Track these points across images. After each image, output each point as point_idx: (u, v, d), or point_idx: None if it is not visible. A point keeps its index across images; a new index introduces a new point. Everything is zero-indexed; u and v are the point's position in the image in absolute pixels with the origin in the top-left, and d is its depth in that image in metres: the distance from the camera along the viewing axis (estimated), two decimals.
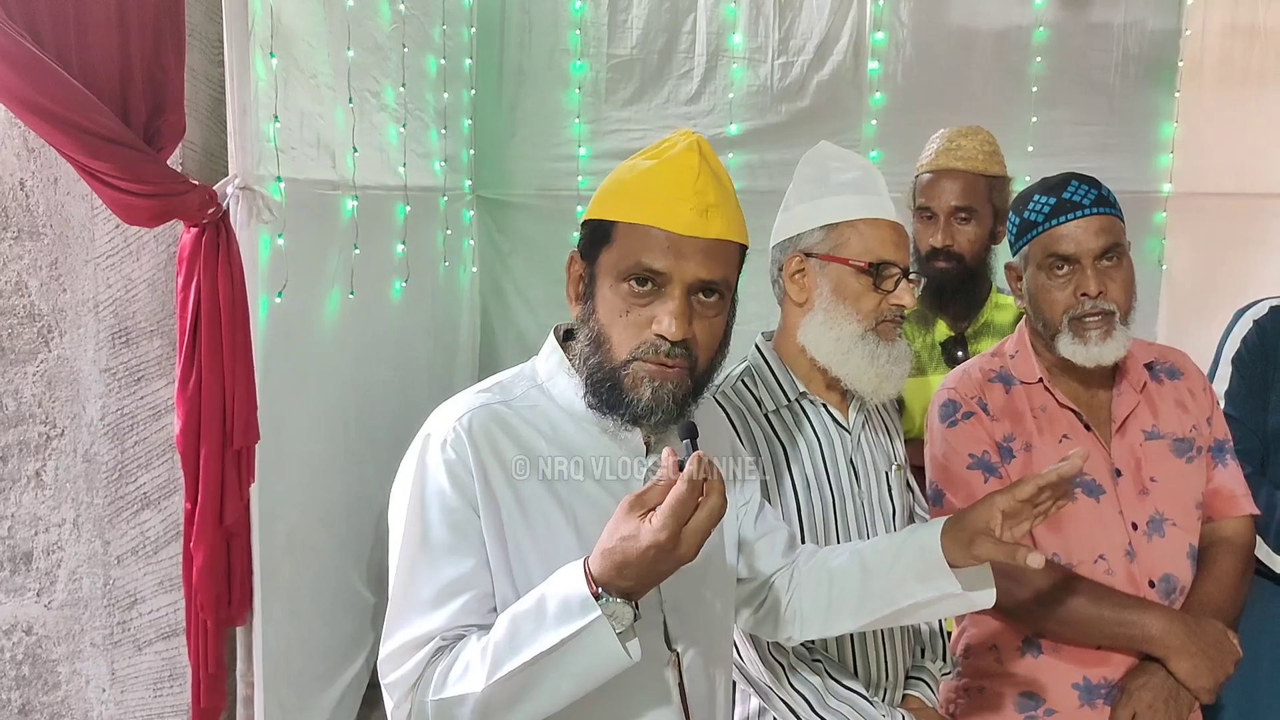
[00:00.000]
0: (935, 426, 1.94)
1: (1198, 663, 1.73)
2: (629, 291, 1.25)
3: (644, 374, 1.25)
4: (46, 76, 1.82)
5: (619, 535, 1.12)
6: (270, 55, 2.44)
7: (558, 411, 1.33)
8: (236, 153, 2.26)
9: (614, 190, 1.31)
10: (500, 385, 1.35)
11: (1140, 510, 1.84)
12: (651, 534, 1.10)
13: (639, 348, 1.25)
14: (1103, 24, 4.54)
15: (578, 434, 1.32)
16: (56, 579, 2.47)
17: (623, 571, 1.12)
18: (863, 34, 4.53)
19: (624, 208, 1.28)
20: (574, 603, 1.14)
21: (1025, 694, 1.87)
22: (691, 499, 1.10)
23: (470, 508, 1.24)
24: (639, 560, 1.11)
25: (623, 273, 1.25)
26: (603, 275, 1.28)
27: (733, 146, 4.49)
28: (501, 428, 1.28)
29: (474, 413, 1.28)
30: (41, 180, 2.38)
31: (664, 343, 1.24)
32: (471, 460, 1.25)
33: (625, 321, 1.26)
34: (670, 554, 1.11)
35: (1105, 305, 1.79)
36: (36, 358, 2.42)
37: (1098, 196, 1.83)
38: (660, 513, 1.10)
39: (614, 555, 1.12)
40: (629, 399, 1.26)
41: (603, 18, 4.48)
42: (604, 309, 1.27)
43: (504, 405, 1.31)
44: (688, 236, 1.24)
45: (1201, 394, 1.96)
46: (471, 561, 1.24)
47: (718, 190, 1.28)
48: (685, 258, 1.24)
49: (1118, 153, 4.48)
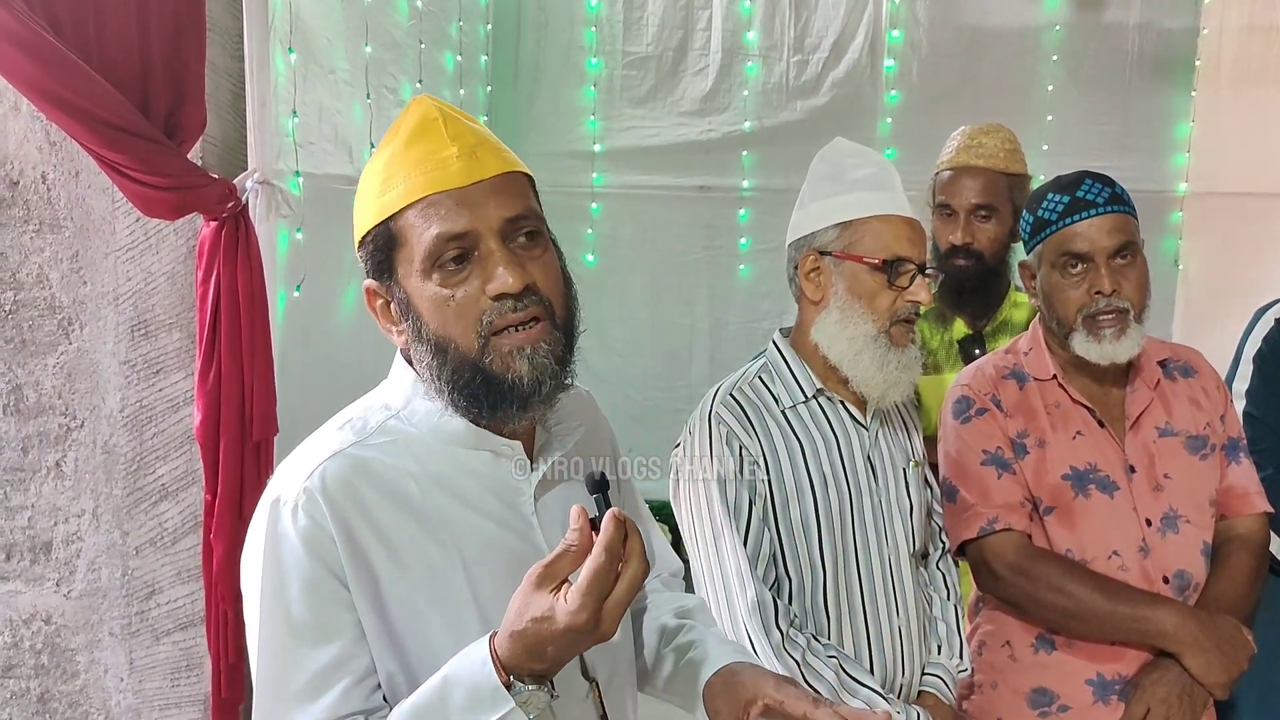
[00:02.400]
0: (949, 423, 1.95)
1: (1211, 658, 1.73)
2: (444, 276, 1.10)
3: (508, 348, 1.10)
4: (67, 68, 1.84)
5: (529, 616, 0.99)
6: (289, 51, 2.45)
7: (421, 441, 1.16)
8: (255, 147, 2.28)
9: (371, 192, 1.15)
10: (350, 423, 1.18)
11: (1154, 506, 1.84)
12: (569, 615, 0.97)
13: (484, 324, 1.10)
14: (1117, 23, 4.52)
15: (449, 462, 1.16)
16: (75, 569, 2.49)
17: (536, 654, 1.00)
18: (879, 32, 4.52)
19: (390, 198, 1.12)
20: (483, 693, 1.01)
21: (1039, 690, 1.87)
22: (611, 570, 0.98)
23: (335, 579, 1.08)
24: (556, 642, 0.99)
25: (428, 259, 1.10)
26: (409, 280, 1.12)
27: (747, 144, 4.49)
28: (360, 475, 1.12)
29: (325, 466, 1.11)
30: (63, 173, 2.40)
31: (506, 300, 1.09)
32: (330, 524, 1.08)
33: (456, 307, 1.10)
34: (590, 634, 0.99)
35: (1119, 303, 1.80)
36: (57, 350, 2.44)
37: (1111, 194, 1.83)
38: (577, 591, 0.97)
39: (525, 638, 0.99)
40: (508, 383, 1.10)
41: (618, 15, 4.48)
42: (429, 311, 1.11)
43: (359, 447, 1.14)
44: (470, 185, 1.10)
45: (1215, 392, 1.96)
46: (342, 642, 1.08)
47: (473, 133, 1.14)
48: (480, 205, 1.10)
49: (1133, 152, 4.46)
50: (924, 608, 1.80)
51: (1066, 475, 1.86)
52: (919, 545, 1.80)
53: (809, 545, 1.68)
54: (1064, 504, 1.85)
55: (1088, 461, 1.86)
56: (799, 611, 1.68)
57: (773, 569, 1.69)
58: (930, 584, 1.87)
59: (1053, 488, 1.86)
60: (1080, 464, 1.86)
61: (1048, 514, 1.86)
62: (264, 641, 1.10)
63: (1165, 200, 4.54)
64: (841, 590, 1.70)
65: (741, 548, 1.64)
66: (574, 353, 1.16)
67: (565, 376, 1.14)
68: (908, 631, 1.74)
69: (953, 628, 1.85)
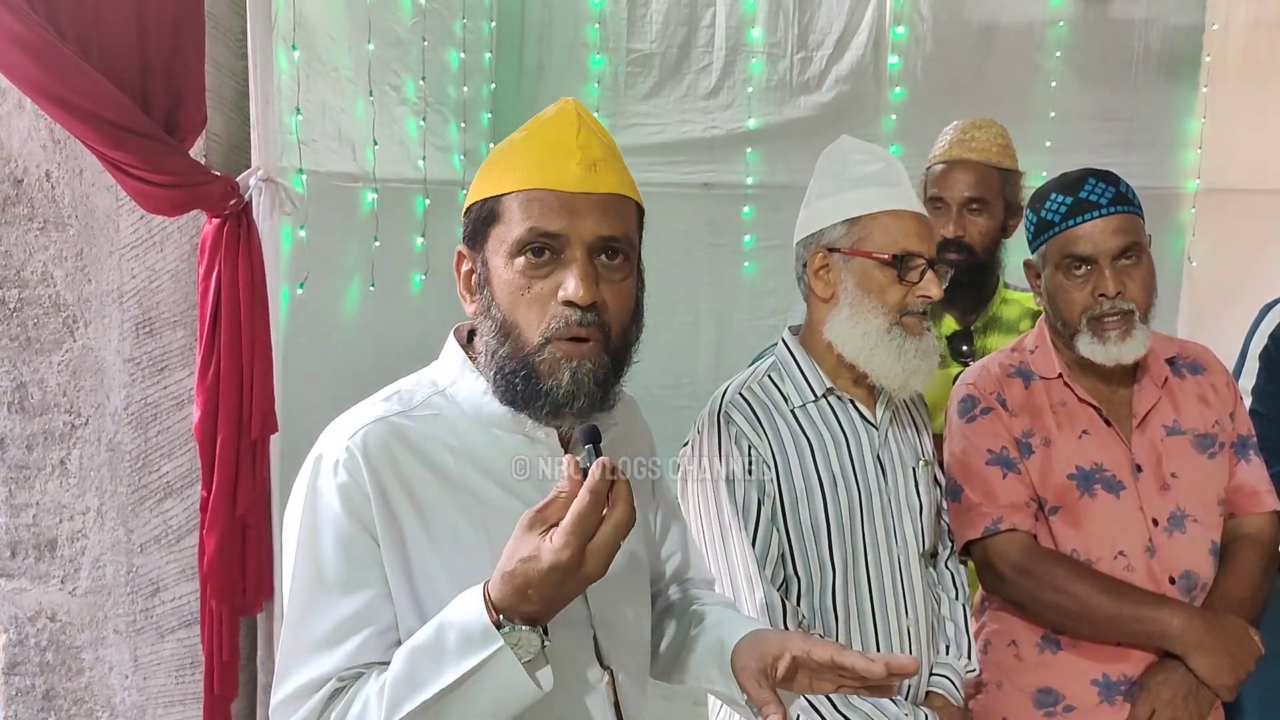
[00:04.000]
0: (954, 422, 1.94)
1: (1218, 659, 1.72)
2: (526, 265, 1.15)
3: (560, 355, 1.14)
4: (68, 67, 1.84)
5: (518, 556, 1.03)
6: (293, 48, 2.45)
7: (463, 418, 1.21)
8: (259, 145, 2.28)
9: (492, 167, 1.21)
10: (399, 394, 1.24)
11: (1161, 506, 1.83)
12: (553, 554, 1.01)
13: (549, 325, 1.14)
14: (1123, 19, 4.50)
15: (486, 441, 1.21)
16: (80, 566, 2.49)
17: (525, 596, 1.03)
18: (883, 28, 4.51)
19: (505, 179, 1.17)
20: (474, 633, 1.04)
21: (1044, 690, 1.86)
22: (595, 512, 1.02)
23: (368, 535, 1.14)
24: (541, 583, 1.02)
25: (516, 245, 1.15)
26: (495, 256, 1.17)
27: (751, 141, 4.48)
28: (401, 442, 1.17)
29: (368, 429, 1.17)
30: (67, 171, 2.40)
31: (573, 310, 1.13)
32: (368, 482, 1.14)
33: (529, 299, 1.15)
34: (575, 574, 1.02)
35: (1124, 305, 1.78)
36: (62, 347, 2.44)
37: (1115, 194, 1.81)
38: (561, 530, 1.01)
39: (514, 579, 1.03)
40: (547, 387, 1.14)
41: (622, 12, 4.48)
42: (503, 292, 1.17)
43: (402, 417, 1.19)
44: (579, 193, 1.15)
45: (1224, 389, 1.94)
46: (369, 595, 1.13)
47: (602, 147, 1.19)
48: (580, 215, 1.15)
49: (1140, 148, 4.44)
50: (933, 608, 1.79)
51: (1072, 475, 1.84)
52: (928, 545, 1.79)
53: (818, 545, 1.67)
54: (1069, 504, 1.84)
55: (1094, 461, 1.85)
56: (807, 612, 1.67)
57: (781, 569, 1.68)
58: (939, 584, 1.86)
59: (1058, 487, 1.85)
60: (1086, 463, 1.85)
61: (1053, 514, 1.85)
62: (294, 589, 1.15)
63: (1174, 197, 4.52)
64: (850, 591, 1.69)
65: (750, 548, 1.63)
66: (620, 380, 1.20)
67: (606, 399, 1.17)
68: (916, 632, 1.73)
69: (961, 628, 1.84)
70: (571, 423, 1.18)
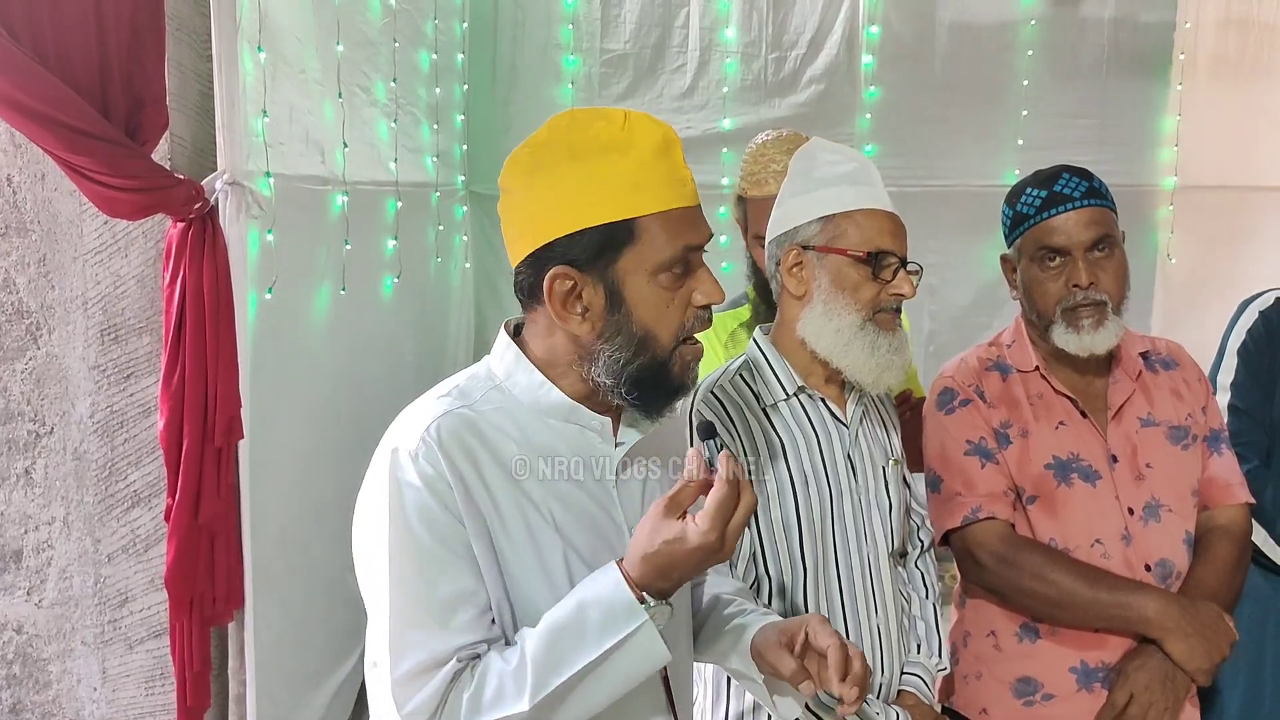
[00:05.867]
0: (933, 414, 1.95)
1: (1193, 644, 1.74)
2: (671, 279, 1.24)
3: (689, 355, 1.27)
4: (22, 71, 1.81)
5: (661, 539, 1.13)
6: (259, 50, 2.42)
7: (521, 411, 1.28)
8: (225, 148, 2.25)
9: (611, 188, 1.23)
10: (459, 389, 1.29)
11: (1136, 495, 1.86)
12: (700, 535, 1.12)
13: (685, 328, 1.26)
14: (1094, 17, 4.54)
15: (545, 432, 1.28)
16: (47, 577, 2.45)
17: (666, 574, 1.15)
18: (855, 28, 4.52)
19: (635, 201, 1.23)
20: (619, 610, 1.15)
21: (1023, 679, 1.88)
22: (733, 498, 1.14)
23: (455, 520, 1.20)
24: (685, 561, 1.14)
25: (665, 264, 1.23)
26: (631, 275, 1.23)
27: (726, 142, 4.47)
28: (472, 433, 1.24)
29: (441, 421, 1.22)
30: (29, 176, 2.36)
31: (706, 311, 1.27)
32: (448, 471, 1.20)
33: (672, 310, 1.25)
34: (716, 553, 1.14)
35: (1096, 296, 1.82)
36: (25, 355, 2.40)
37: (1088, 188, 1.84)
38: (706, 515, 1.13)
39: (658, 559, 1.14)
40: (682, 383, 1.27)
41: (595, 12, 4.47)
42: (645, 308, 1.24)
43: (469, 409, 1.25)
44: (694, 206, 1.27)
45: (1196, 384, 1.98)
46: (469, 575, 1.20)
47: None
48: (703, 225, 1.28)
49: (1113, 146, 4.48)
50: (903, 607, 1.79)
51: (1049, 465, 1.86)
52: (898, 544, 1.79)
53: (789, 544, 1.67)
54: (1047, 493, 1.86)
55: (1070, 451, 1.87)
56: (778, 611, 1.66)
57: (753, 568, 1.68)
58: (909, 583, 1.86)
59: (1036, 477, 1.87)
60: (1063, 453, 1.87)
61: (1030, 503, 1.87)
62: (395, 575, 1.19)
63: (1150, 194, 4.55)
64: (821, 589, 1.68)
65: None
66: None
67: None
68: (887, 630, 1.73)
69: (932, 626, 1.85)
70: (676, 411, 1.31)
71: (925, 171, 4.52)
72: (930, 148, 4.54)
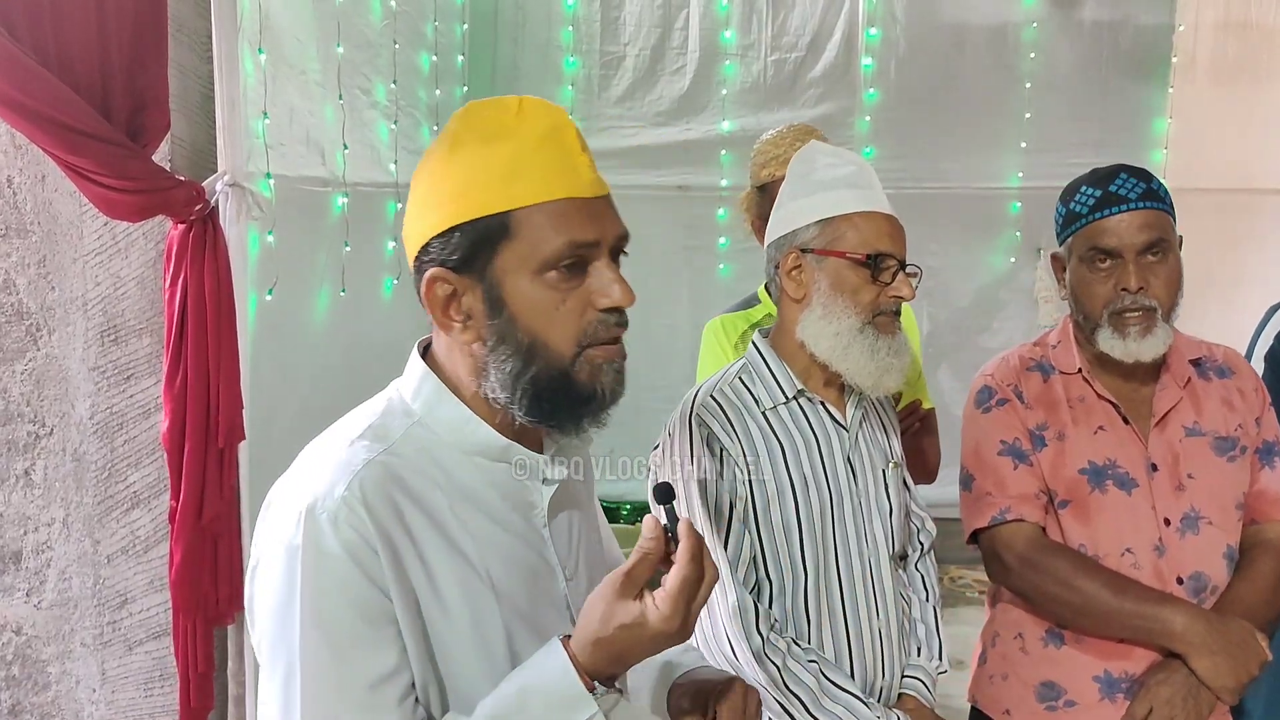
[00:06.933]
0: (970, 412, 1.93)
1: (1219, 661, 1.69)
2: (560, 278, 1.08)
3: (600, 360, 1.10)
4: (24, 72, 1.81)
5: (617, 623, 1.02)
6: (259, 51, 2.42)
7: (445, 451, 1.13)
8: (225, 149, 2.25)
9: (489, 178, 1.10)
10: (373, 429, 1.13)
11: (1175, 506, 1.81)
12: (662, 620, 1.01)
13: (586, 334, 1.09)
14: (1094, 20, 4.55)
15: (472, 473, 1.14)
16: (46, 579, 2.45)
17: (621, 660, 1.04)
18: (855, 30, 4.53)
19: (513, 191, 1.08)
20: (566, 700, 1.03)
21: (1046, 684, 1.85)
22: (699, 577, 1.03)
23: (380, 592, 1.05)
24: (642, 647, 1.03)
25: (547, 261, 1.07)
26: (511, 275, 1.08)
27: (725, 144, 4.48)
28: (397, 486, 1.08)
29: (364, 473, 1.07)
30: (29, 177, 2.36)
31: (612, 314, 1.10)
32: (375, 535, 1.04)
33: (564, 313, 1.09)
34: (676, 637, 1.03)
35: (1146, 301, 1.76)
36: (25, 356, 2.40)
37: (1146, 190, 1.79)
38: (668, 598, 1.01)
39: (613, 645, 1.03)
40: (594, 393, 1.10)
41: (595, 14, 4.48)
42: (531, 312, 1.08)
43: (389, 456, 1.10)
44: (596, 197, 1.11)
45: (1253, 394, 1.91)
46: (393, 653, 1.06)
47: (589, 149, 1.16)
48: (603, 219, 1.11)
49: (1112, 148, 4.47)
50: (903, 609, 1.79)
51: (1084, 470, 1.83)
52: (898, 547, 1.78)
53: (790, 547, 1.67)
54: (1080, 498, 1.82)
55: (1107, 457, 1.83)
56: (779, 615, 1.66)
57: (753, 572, 1.67)
58: (909, 586, 1.86)
59: (1069, 481, 1.83)
60: (1100, 459, 1.83)
61: (1063, 507, 1.83)
62: (308, 656, 1.04)
63: None
64: (822, 593, 1.68)
65: (722, 551, 1.62)
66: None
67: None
68: (887, 633, 1.73)
69: (932, 629, 1.84)
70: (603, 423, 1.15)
71: (925, 174, 4.53)
72: (930, 150, 4.55)
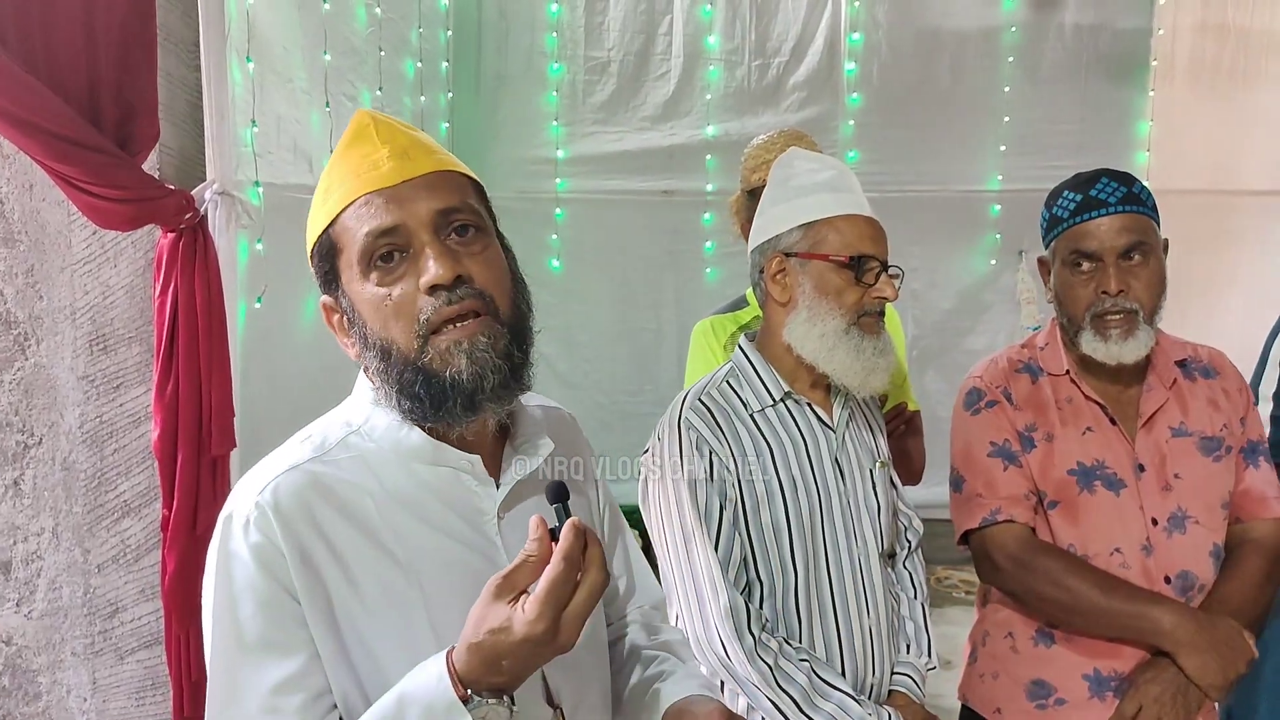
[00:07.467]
0: (959, 414, 1.96)
1: (1207, 659, 1.71)
2: (381, 275, 1.09)
3: (446, 344, 1.07)
4: (13, 81, 1.81)
5: (486, 628, 0.96)
6: (247, 60, 2.43)
7: (380, 455, 1.14)
8: (214, 158, 2.25)
9: (315, 205, 1.15)
10: (311, 439, 1.16)
11: (1162, 506, 1.84)
12: (526, 625, 0.95)
13: (422, 321, 1.07)
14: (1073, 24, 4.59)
15: (408, 479, 1.14)
16: (36, 588, 2.45)
17: (495, 667, 0.97)
18: (838, 36, 4.56)
19: (328, 206, 1.12)
20: (439, 709, 0.97)
21: (1037, 682, 1.87)
22: (570, 579, 0.96)
23: (288, 595, 1.05)
24: (513, 654, 0.96)
25: (363, 258, 1.09)
26: (351, 285, 1.11)
27: (710, 149, 4.50)
28: (315, 491, 1.09)
29: (279, 481, 1.09)
30: (16, 186, 2.36)
31: (440, 293, 1.07)
32: (282, 540, 1.06)
33: (393, 306, 1.08)
34: (549, 645, 0.96)
35: (1127, 304, 1.79)
36: (13, 365, 2.40)
37: (1126, 194, 1.82)
38: (536, 601, 0.95)
39: (483, 651, 0.97)
40: (448, 380, 1.07)
41: (579, 20, 4.49)
42: (370, 313, 1.10)
43: (317, 463, 1.12)
44: (400, 183, 1.09)
45: (1236, 394, 1.94)
46: (300, 658, 1.05)
47: (407, 136, 1.15)
48: (410, 201, 1.09)
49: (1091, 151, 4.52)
50: (892, 607, 1.81)
51: (1073, 470, 1.86)
52: (886, 545, 1.81)
53: (780, 548, 1.69)
54: (1069, 499, 1.85)
55: (1095, 458, 1.86)
56: (770, 615, 1.68)
57: (744, 573, 1.69)
58: (898, 583, 1.88)
59: (1058, 482, 1.86)
60: (1088, 460, 1.86)
61: (1052, 508, 1.86)
62: (214, 659, 1.07)
63: None
64: (812, 592, 1.70)
65: (713, 553, 1.64)
66: (526, 351, 1.13)
67: (516, 375, 1.11)
68: (877, 631, 1.75)
69: (921, 626, 1.86)
70: (494, 411, 1.11)
71: (908, 177, 4.57)
72: (912, 153, 4.59)
